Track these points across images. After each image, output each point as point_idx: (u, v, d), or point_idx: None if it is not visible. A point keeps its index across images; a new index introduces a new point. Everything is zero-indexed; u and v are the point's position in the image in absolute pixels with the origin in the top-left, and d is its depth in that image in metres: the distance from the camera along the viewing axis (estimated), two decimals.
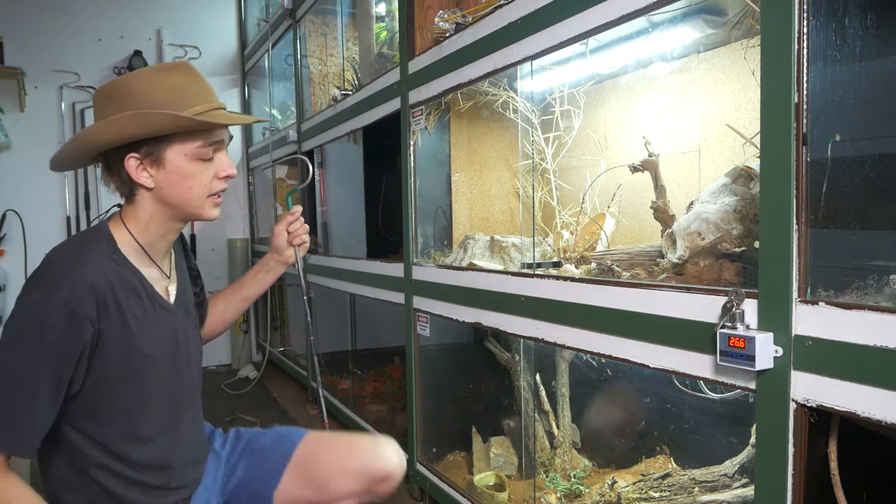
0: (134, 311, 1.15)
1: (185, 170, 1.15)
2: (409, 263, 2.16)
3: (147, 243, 1.20)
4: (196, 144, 1.14)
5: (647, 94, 1.92)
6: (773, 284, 0.96)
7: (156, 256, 1.23)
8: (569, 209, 2.12)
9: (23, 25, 3.96)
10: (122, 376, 1.14)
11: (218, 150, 1.19)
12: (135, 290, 1.17)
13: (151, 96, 1.11)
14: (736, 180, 1.38)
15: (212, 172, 1.19)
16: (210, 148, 1.16)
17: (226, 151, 1.22)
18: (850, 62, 1.00)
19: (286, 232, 1.49)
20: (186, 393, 1.28)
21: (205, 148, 1.15)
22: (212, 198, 1.20)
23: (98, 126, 1.11)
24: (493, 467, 2.12)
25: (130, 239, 1.19)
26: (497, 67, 1.65)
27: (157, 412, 1.22)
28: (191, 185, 1.16)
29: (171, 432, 1.24)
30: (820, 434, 0.99)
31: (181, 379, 1.27)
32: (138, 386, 1.17)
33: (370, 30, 2.81)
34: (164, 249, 1.25)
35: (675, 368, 1.16)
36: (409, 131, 2.13)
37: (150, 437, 1.20)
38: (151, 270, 1.22)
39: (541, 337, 1.53)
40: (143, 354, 1.16)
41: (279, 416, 3.31)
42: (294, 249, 1.50)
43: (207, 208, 1.20)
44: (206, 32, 4.52)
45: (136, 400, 1.17)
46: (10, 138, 3.92)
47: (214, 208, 1.22)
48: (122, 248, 1.18)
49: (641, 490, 1.72)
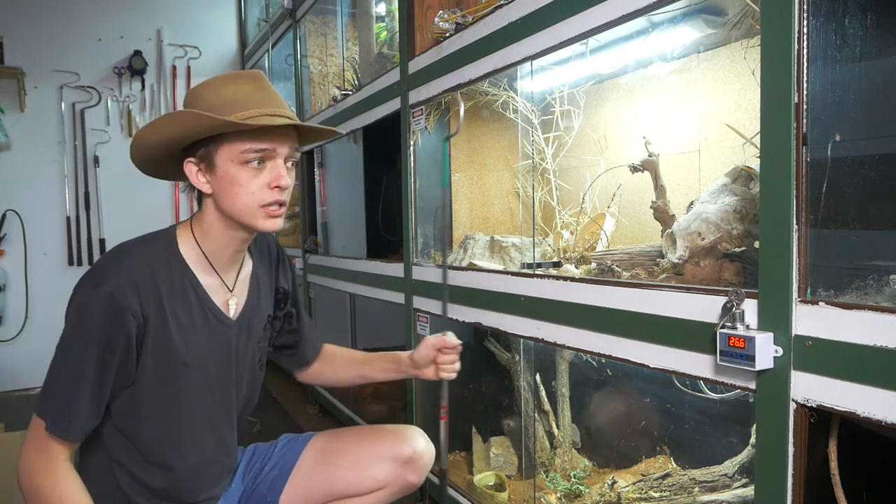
0: (178, 315, 1.14)
1: (232, 175, 1.11)
2: (409, 263, 2.16)
3: (209, 251, 1.19)
4: (241, 149, 1.10)
5: (647, 94, 1.92)
6: (773, 284, 0.96)
7: (218, 265, 1.21)
8: (569, 209, 2.12)
9: (23, 25, 3.96)
10: (154, 377, 1.13)
11: (269, 158, 1.13)
12: (184, 295, 1.16)
13: (210, 101, 1.11)
14: (736, 180, 1.38)
15: (263, 181, 1.12)
16: (257, 154, 1.11)
17: (288, 164, 1.15)
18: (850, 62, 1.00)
19: (437, 352, 1.39)
20: (226, 411, 1.25)
21: (250, 154, 1.11)
22: (265, 208, 1.14)
23: (145, 128, 1.13)
24: (493, 467, 2.12)
25: (193, 244, 1.19)
26: (497, 67, 1.65)
27: (190, 424, 1.20)
28: (238, 192, 1.12)
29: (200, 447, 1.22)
30: (820, 434, 0.99)
31: (226, 396, 1.24)
32: (172, 391, 1.16)
33: (370, 30, 2.81)
34: (229, 259, 1.22)
35: (675, 368, 1.16)
36: (409, 131, 2.13)
37: (177, 450, 1.19)
38: (212, 279, 1.20)
39: (541, 337, 1.53)
40: (181, 360, 1.15)
41: (279, 416, 3.31)
42: (438, 377, 1.40)
43: (260, 219, 1.14)
44: (206, 32, 4.52)
45: (167, 406, 1.16)
46: (10, 138, 3.92)
47: (267, 219, 1.15)
48: (183, 251, 1.18)
49: (641, 490, 1.72)
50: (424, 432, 1.46)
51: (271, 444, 1.46)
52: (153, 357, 1.12)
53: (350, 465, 1.37)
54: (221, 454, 1.29)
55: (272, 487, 1.37)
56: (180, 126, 1.09)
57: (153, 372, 1.13)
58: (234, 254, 1.22)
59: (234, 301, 1.24)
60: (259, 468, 1.40)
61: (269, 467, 1.40)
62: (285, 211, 1.18)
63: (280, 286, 1.39)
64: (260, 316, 1.32)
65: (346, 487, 1.37)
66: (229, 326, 1.23)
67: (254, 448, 1.46)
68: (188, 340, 1.15)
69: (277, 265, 1.39)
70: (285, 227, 4.11)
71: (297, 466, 1.39)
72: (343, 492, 1.38)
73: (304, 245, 3.47)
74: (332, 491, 1.38)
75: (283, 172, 1.14)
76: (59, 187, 4.09)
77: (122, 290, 1.07)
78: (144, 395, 1.14)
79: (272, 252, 1.40)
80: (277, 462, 1.40)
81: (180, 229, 1.21)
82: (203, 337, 1.18)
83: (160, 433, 1.17)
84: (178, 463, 1.19)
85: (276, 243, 1.43)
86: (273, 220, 1.16)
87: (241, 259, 1.26)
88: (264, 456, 1.43)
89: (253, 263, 1.32)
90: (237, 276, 1.26)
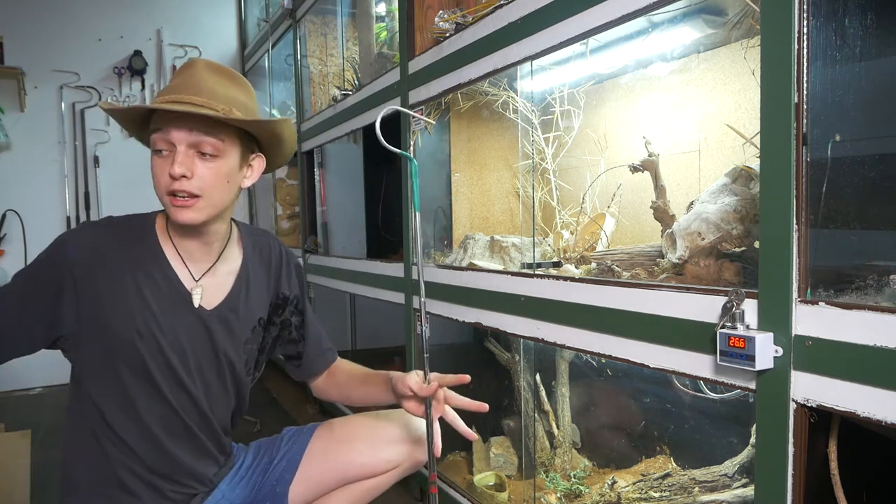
0: (142, 289, 1.18)
1: (151, 164, 1.14)
2: (408, 263, 2.16)
3: (175, 238, 1.23)
4: (149, 134, 1.13)
5: (647, 94, 1.92)
6: (773, 284, 0.96)
7: (185, 253, 1.23)
8: (569, 209, 2.12)
9: (23, 25, 3.96)
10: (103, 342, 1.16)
11: (171, 144, 1.09)
12: (150, 273, 1.19)
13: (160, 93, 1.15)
14: (736, 180, 1.38)
15: (164, 170, 1.10)
16: (157, 137, 1.10)
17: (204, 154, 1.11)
18: (850, 62, 1.00)
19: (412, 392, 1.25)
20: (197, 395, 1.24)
21: (152, 136, 1.11)
22: (169, 198, 1.12)
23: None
24: (493, 467, 2.12)
25: (164, 229, 1.23)
26: (497, 67, 1.65)
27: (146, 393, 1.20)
28: (153, 181, 1.14)
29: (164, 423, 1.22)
30: (820, 434, 0.99)
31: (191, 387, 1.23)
32: (125, 357, 1.17)
33: (370, 30, 2.81)
34: (197, 250, 1.23)
35: (675, 368, 1.16)
36: (409, 131, 2.13)
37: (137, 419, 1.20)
38: (180, 266, 1.23)
39: (541, 337, 1.53)
40: (135, 328, 1.16)
41: (279, 416, 3.31)
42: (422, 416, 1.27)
43: (170, 209, 1.13)
44: (206, 32, 4.52)
45: (132, 374, 1.18)
46: (10, 138, 3.92)
47: (175, 210, 1.12)
48: (159, 233, 1.23)
49: (641, 490, 1.72)
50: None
51: (275, 438, 1.47)
52: (100, 320, 1.15)
53: (364, 449, 1.40)
54: (192, 434, 1.26)
55: (281, 479, 1.38)
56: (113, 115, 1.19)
57: (102, 335, 1.16)
58: (199, 245, 1.23)
59: (199, 291, 1.24)
60: (267, 462, 1.41)
61: (278, 460, 1.40)
62: (201, 204, 1.13)
63: (281, 292, 1.38)
64: (246, 315, 1.30)
65: (360, 471, 1.40)
66: (198, 315, 1.23)
67: (258, 444, 1.46)
68: (146, 314, 1.17)
69: (280, 270, 1.38)
70: (285, 227, 4.11)
71: (306, 456, 1.40)
72: (358, 475, 1.40)
73: (304, 245, 3.47)
74: (347, 476, 1.40)
75: (179, 159, 1.09)
76: (59, 187, 4.09)
77: (76, 244, 1.16)
78: (97, 357, 1.17)
79: (274, 255, 1.38)
80: (285, 454, 1.41)
81: (159, 215, 1.26)
82: (167, 316, 1.19)
83: (117, 400, 1.19)
84: (141, 435, 1.20)
85: (283, 248, 1.42)
86: (178, 211, 1.12)
87: (214, 251, 1.26)
88: (271, 450, 1.43)
89: (244, 261, 1.32)
90: (211, 268, 1.26)
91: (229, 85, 1.16)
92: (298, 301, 1.42)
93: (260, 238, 1.38)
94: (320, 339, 1.47)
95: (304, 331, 1.43)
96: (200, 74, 1.14)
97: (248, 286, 1.31)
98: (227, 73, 1.19)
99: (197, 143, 1.11)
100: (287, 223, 4.13)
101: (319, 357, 1.47)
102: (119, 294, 1.16)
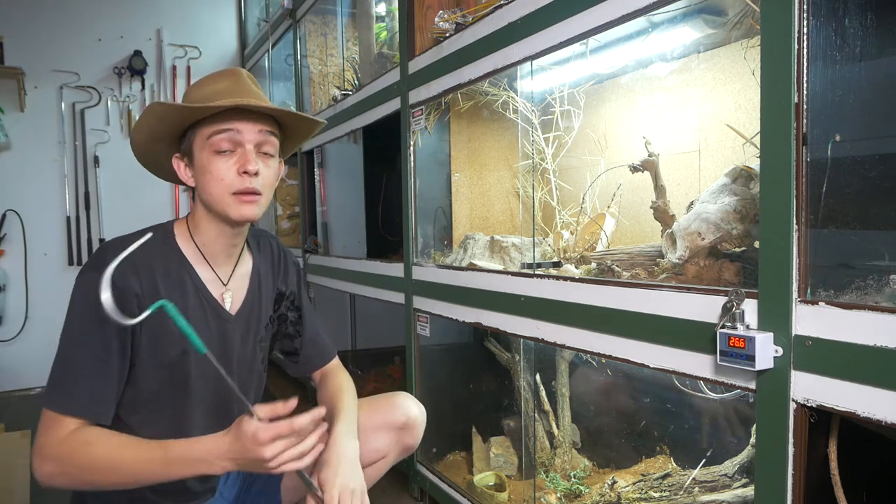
0: (175, 303, 1.15)
1: (204, 163, 1.14)
2: (409, 263, 2.16)
3: (202, 244, 1.21)
4: (208, 133, 1.12)
5: (647, 94, 1.92)
6: (773, 284, 0.96)
7: (212, 258, 1.22)
8: (569, 209, 2.12)
9: (23, 25, 3.96)
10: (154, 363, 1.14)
11: (238, 144, 1.13)
12: (181, 284, 1.18)
13: (192, 98, 1.14)
14: (736, 180, 1.38)
15: (232, 167, 1.13)
16: (221, 137, 1.12)
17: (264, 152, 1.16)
18: (850, 62, 1.00)
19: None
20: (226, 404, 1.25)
21: (216, 138, 1.12)
22: (236, 196, 1.14)
23: (133, 128, 1.16)
24: (493, 467, 2.12)
25: (188, 237, 1.21)
26: (497, 67, 1.65)
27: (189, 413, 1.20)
28: (209, 180, 1.13)
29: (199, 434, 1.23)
30: (820, 434, 0.99)
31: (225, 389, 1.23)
32: (174, 378, 1.17)
33: (370, 30, 2.81)
34: (222, 253, 1.23)
35: (675, 368, 1.16)
36: (409, 131, 2.13)
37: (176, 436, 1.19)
38: (207, 272, 1.22)
39: (541, 337, 1.53)
40: (181, 347, 1.15)
41: None
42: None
43: (233, 206, 1.14)
44: (206, 32, 4.52)
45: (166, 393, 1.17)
46: (10, 138, 3.92)
47: (241, 206, 1.14)
48: (179, 243, 1.20)
49: (641, 490, 1.72)
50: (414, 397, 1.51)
51: None
52: (152, 342, 1.14)
53: None
54: None
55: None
56: (153, 116, 1.12)
57: (152, 357, 1.14)
58: (227, 247, 1.23)
59: (230, 295, 1.25)
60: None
61: None
62: (262, 201, 1.16)
63: (278, 288, 1.39)
64: (261, 315, 1.33)
65: None
66: (227, 320, 1.24)
67: None
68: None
69: (279, 266, 1.40)
70: (285, 227, 4.11)
71: None
72: None
73: (304, 245, 3.47)
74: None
75: (252, 157, 1.13)
76: (59, 187, 4.08)
77: (123, 273, 1.09)
78: (145, 380, 1.15)
79: (274, 253, 1.41)
80: None
81: (177, 223, 1.24)
82: (200, 327, 1.18)
83: (159, 421, 1.18)
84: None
85: (280, 245, 1.44)
86: (245, 207, 1.14)
87: (236, 254, 1.27)
88: None
89: (254, 261, 1.33)
90: (233, 271, 1.27)
91: (260, 91, 1.20)
92: (295, 297, 1.43)
93: (261, 237, 1.41)
94: (317, 336, 1.48)
95: (301, 327, 1.44)
96: (246, 80, 1.17)
97: (261, 285, 1.33)
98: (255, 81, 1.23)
99: (262, 142, 1.15)
100: (287, 223, 4.13)
101: (313, 357, 1.48)
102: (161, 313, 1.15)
